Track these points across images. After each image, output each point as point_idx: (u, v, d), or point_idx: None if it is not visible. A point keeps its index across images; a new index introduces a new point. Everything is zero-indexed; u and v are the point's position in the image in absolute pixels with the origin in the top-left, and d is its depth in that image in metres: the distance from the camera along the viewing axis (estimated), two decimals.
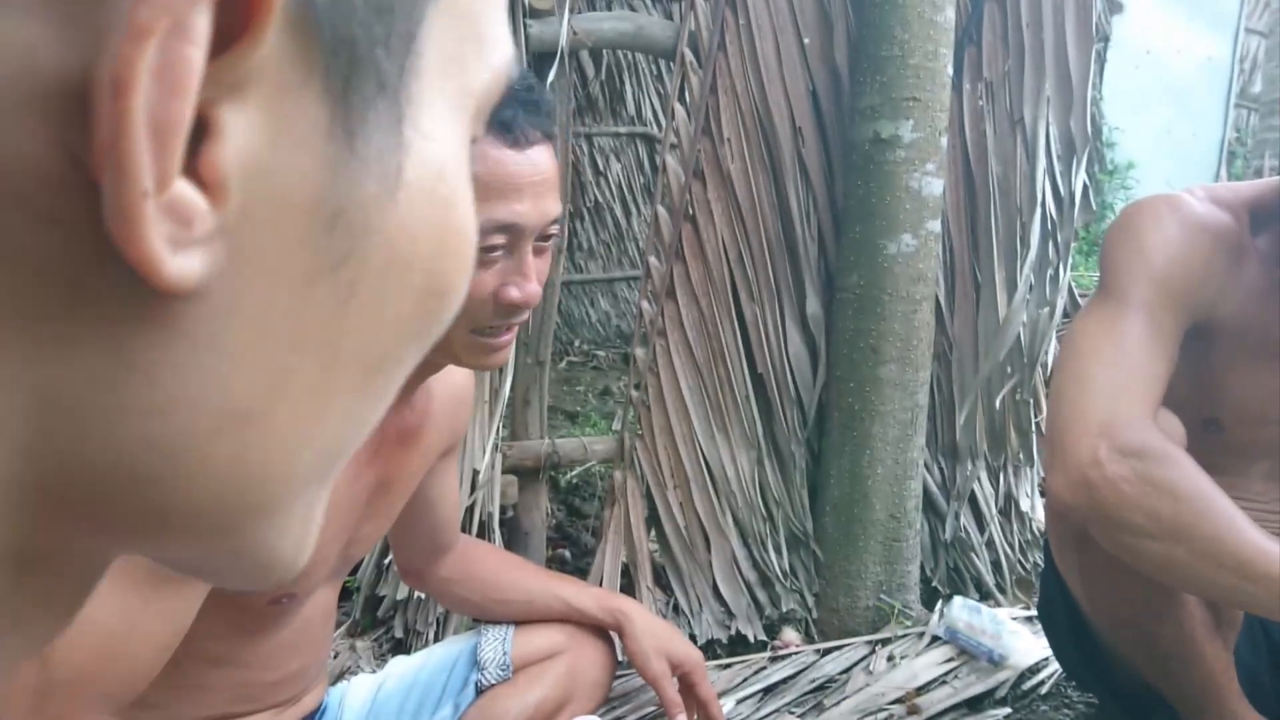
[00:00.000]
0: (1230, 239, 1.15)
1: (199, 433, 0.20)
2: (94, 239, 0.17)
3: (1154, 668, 1.27)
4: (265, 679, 0.97)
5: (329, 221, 0.20)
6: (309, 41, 0.19)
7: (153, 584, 0.76)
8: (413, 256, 0.22)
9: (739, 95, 1.84)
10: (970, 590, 2.05)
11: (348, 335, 0.22)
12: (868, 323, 1.82)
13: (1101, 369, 1.09)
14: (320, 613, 1.01)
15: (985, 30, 1.95)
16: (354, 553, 0.99)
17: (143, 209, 0.17)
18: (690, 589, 1.89)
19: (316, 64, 0.19)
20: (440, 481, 1.14)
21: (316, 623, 1.00)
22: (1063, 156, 2.01)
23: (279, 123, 0.19)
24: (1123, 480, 1.01)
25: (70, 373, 0.18)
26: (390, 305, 0.23)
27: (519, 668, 1.18)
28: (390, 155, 0.21)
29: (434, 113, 0.22)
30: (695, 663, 1.22)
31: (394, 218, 0.21)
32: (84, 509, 0.20)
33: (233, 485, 0.22)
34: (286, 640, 0.96)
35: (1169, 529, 1.00)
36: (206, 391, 0.20)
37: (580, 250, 4.74)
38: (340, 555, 0.96)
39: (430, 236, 0.23)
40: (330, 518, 0.87)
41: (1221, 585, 1.00)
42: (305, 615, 0.97)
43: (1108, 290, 1.15)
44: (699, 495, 1.90)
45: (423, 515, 1.15)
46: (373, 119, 0.20)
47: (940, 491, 2.09)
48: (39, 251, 0.17)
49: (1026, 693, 1.63)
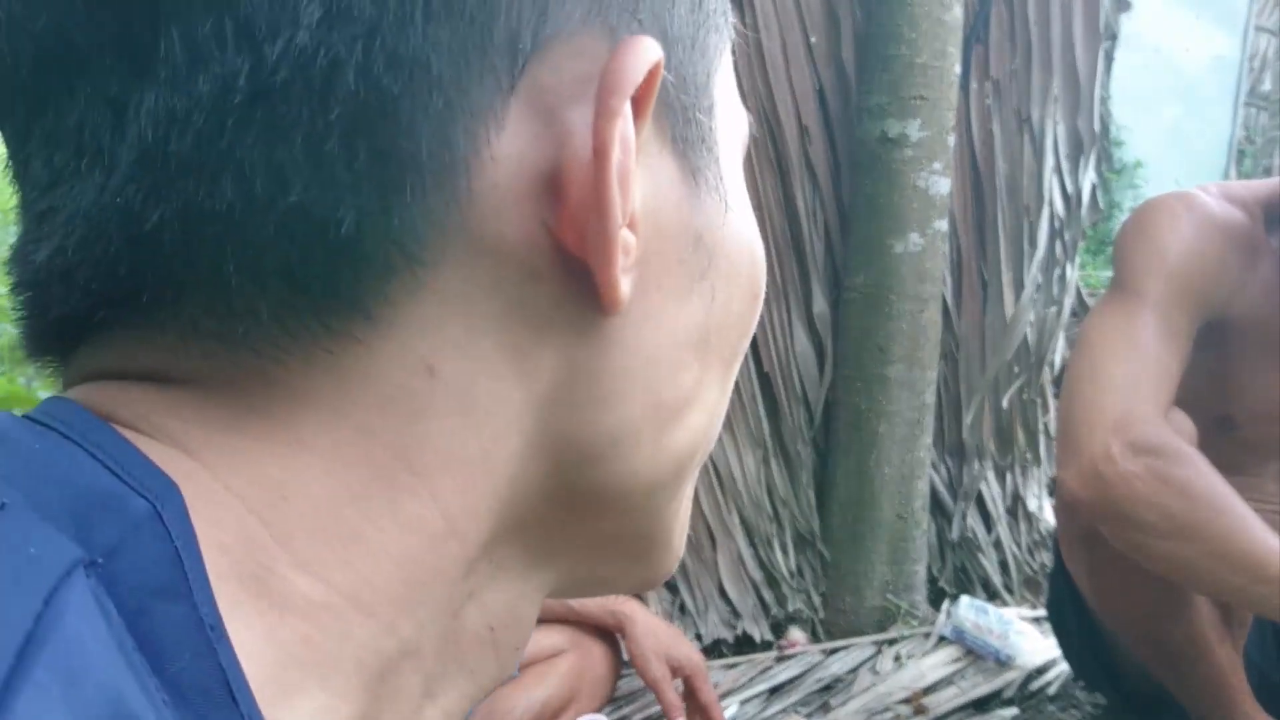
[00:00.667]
0: (1244, 236, 1.14)
1: (631, 418, 0.27)
2: (558, 283, 0.24)
3: (1163, 667, 1.27)
4: None
5: (693, 244, 0.27)
6: (667, 113, 0.26)
7: None
8: (741, 264, 0.29)
9: (745, 94, 1.84)
10: (977, 590, 2.04)
11: (712, 333, 0.28)
12: (875, 322, 1.81)
13: (1115, 365, 1.09)
14: None
15: (993, 29, 1.94)
16: None
17: (615, 242, 0.24)
18: (696, 589, 1.89)
19: (668, 130, 0.26)
20: None
21: None
22: (1070, 155, 2.01)
23: (655, 175, 0.26)
24: (1135, 477, 1.01)
25: (547, 382, 0.25)
26: (734, 306, 0.29)
27: (524, 666, 1.18)
28: (719, 189, 0.28)
29: (728, 154, 0.29)
30: (696, 666, 1.22)
31: (728, 235, 0.28)
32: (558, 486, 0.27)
33: (654, 460, 0.28)
34: None
35: (1180, 527, 0.99)
36: (634, 386, 0.26)
37: None
38: None
39: (748, 247, 0.30)
40: None
41: (1231, 586, 1.00)
42: None
43: (1122, 287, 1.15)
44: (705, 494, 1.89)
45: None
46: (704, 163, 0.27)
47: (947, 491, 2.08)
48: (526, 300, 0.24)
49: (1034, 693, 1.62)
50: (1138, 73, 6.37)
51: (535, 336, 0.25)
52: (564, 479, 0.27)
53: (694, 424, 0.29)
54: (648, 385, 0.27)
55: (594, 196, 0.23)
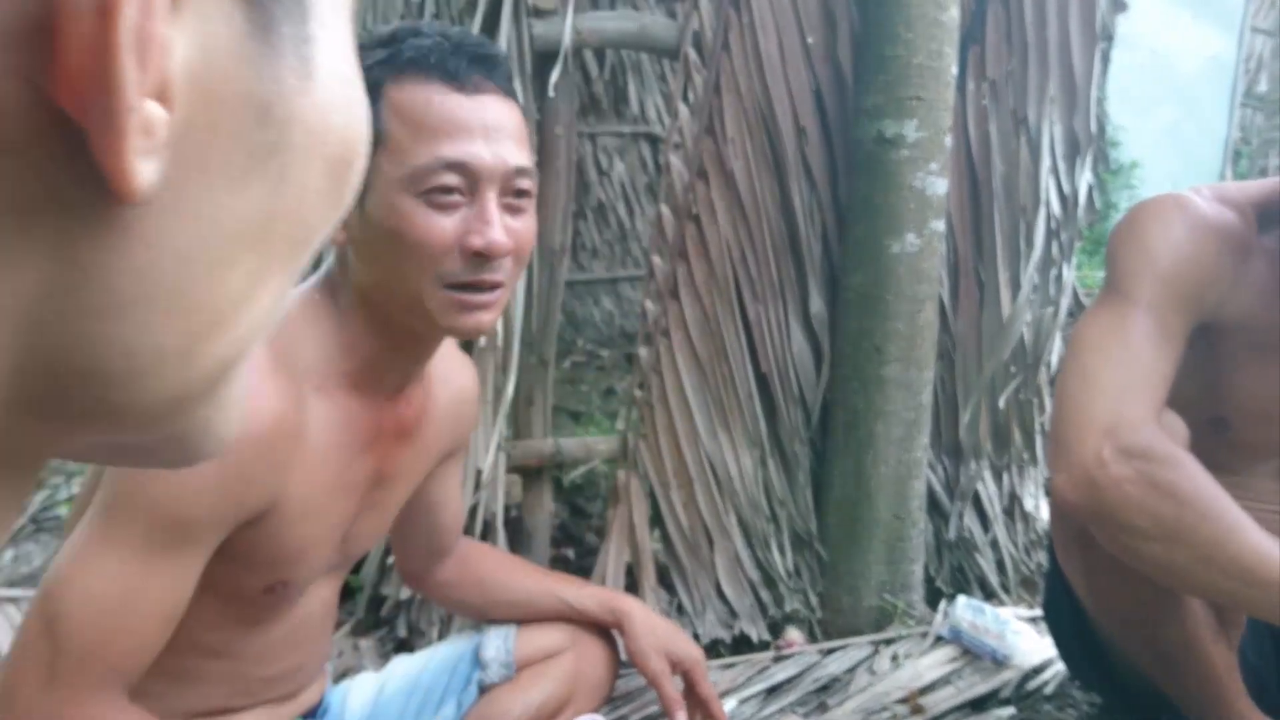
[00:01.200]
0: (1237, 238, 1.14)
1: (153, 329, 0.22)
2: (52, 161, 0.19)
3: (1158, 667, 1.27)
4: (262, 673, 0.97)
5: (258, 116, 0.22)
6: None
7: (150, 551, 0.77)
8: (327, 133, 0.24)
9: (743, 94, 1.84)
10: (974, 590, 2.05)
11: (279, 219, 0.24)
12: (871, 322, 1.82)
13: (1107, 368, 1.09)
14: (320, 608, 1.01)
15: (989, 29, 1.95)
16: (352, 549, 0.99)
17: (128, 123, 0.18)
18: (694, 589, 1.89)
19: None
20: (443, 485, 1.14)
21: (316, 619, 1.00)
22: (1067, 156, 2.01)
23: (207, 31, 0.20)
24: (1126, 481, 1.01)
25: (32, 286, 0.20)
26: (311, 182, 0.24)
27: (522, 666, 1.18)
28: (303, 47, 0.23)
29: (326, 5, 0.24)
30: (695, 661, 1.22)
31: (311, 103, 0.23)
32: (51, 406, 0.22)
33: (183, 375, 0.23)
34: (285, 634, 0.96)
35: (1171, 531, 1.00)
36: (158, 290, 0.21)
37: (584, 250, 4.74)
38: (337, 549, 0.96)
39: (341, 114, 0.25)
40: (325, 506, 0.88)
41: (1222, 589, 1.00)
42: (304, 610, 0.97)
43: (1114, 289, 1.15)
44: (703, 495, 1.89)
45: (424, 518, 1.15)
46: (282, 15, 0.22)
47: (944, 491, 2.08)
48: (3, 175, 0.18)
49: (1030, 693, 1.62)
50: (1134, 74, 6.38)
51: (16, 223, 0.19)
52: (56, 402, 0.22)
53: (242, 330, 0.24)
54: (179, 288, 0.22)
55: (97, 63, 0.18)
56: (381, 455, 0.93)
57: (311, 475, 0.85)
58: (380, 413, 0.91)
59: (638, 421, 1.92)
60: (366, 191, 0.79)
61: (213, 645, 0.91)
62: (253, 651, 0.94)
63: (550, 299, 1.87)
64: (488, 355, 1.76)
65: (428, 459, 1.02)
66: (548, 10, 1.78)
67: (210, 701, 0.94)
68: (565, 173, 1.85)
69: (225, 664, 0.93)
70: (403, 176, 0.78)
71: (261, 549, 0.85)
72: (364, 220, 0.80)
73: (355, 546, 0.99)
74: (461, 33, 0.85)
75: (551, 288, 1.86)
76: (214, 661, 0.92)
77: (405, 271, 0.80)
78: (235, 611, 0.91)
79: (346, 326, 0.85)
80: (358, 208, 0.79)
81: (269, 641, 0.95)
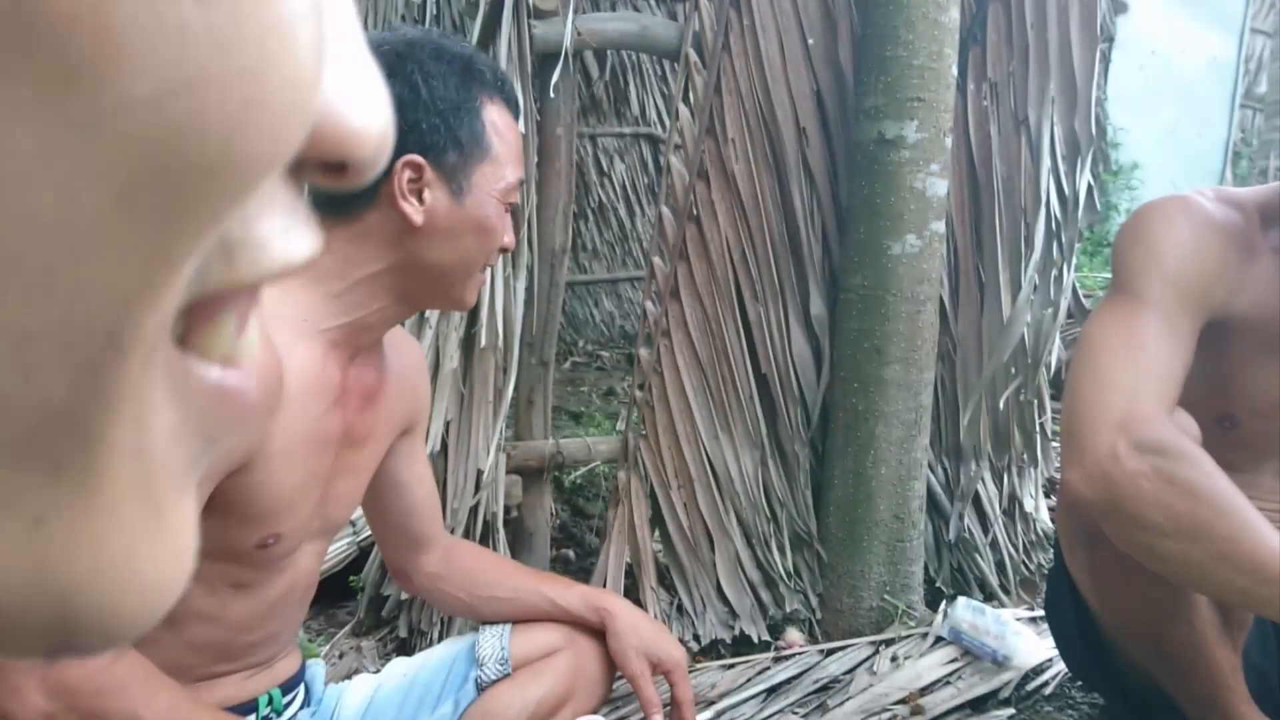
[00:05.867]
0: (1242, 236, 1.15)
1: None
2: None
3: (1162, 667, 1.27)
4: (245, 639, 1.00)
5: None
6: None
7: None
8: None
9: (743, 96, 1.84)
10: (974, 591, 2.05)
11: None
12: (872, 323, 1.82)
13: (1119, 365, 1.09)
14: (304, 577, 1.05)
15: (990, 30, 1.95)
16: (331, 511, 1.03)
17: None
18: (694, 589, 1.89)
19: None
20: (407, 464, 1.17)
21: (299, 588, 1.05)
22: (1067, 157, 2.01)
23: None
24: (1141, 476, 1.01)
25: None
26: None
27: (519, 665, 1.18)
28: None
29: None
30: (675, 663, 1.22)
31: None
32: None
33: None
34: (270, 600, 0.99)
35: (1185, 528, 0.99)
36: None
37: (584, 251, 4.74)
38: (317, 511, 0.99)
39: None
40: (304, 457, 0.92)
41: (1235, 587, 1.00)
42: (289, 577, 1.01)
43: (1122, 289, 1.15)
44: (703, 495, 1.90)
45: (395, 498, 1.18)
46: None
47: (944, 492, 2.09)
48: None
49: (1030, 693, 1.63)
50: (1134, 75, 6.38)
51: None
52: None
53: None
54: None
55: None
56: (350, 415, 0.99)
57: (290, 424, 0.90)
58: (344, 374, 0.98)
59: (638, 422, 1.92)
60: (466, 190, 0.96)
61: (204, 610, 0.94)
62: (239, 617, 0.97)
63: (551, 300, 1.87)
64: (488, 356, 1.76)
65: (390, 424, 1.09)
66: (548, 11, 1.78)
67: (195, 668, 0.97)
68: (565, 174, 1.85)
69: (211, 628, 0.96)
70: (500, 188, 0.98)
71: (251, 500, 0.89)
72: (459, 212, 0.96)
73: (334, 509, 1.03)
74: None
75: (552, 288, 1.86)
76: (202, 625, 0.95)
77: (475, 256, 0.99)
78: (230, 573, 0.94)
79: (355, 290, 0.95)
80: (455, 199, 0.95)
81: (254, 606, 0.98)
